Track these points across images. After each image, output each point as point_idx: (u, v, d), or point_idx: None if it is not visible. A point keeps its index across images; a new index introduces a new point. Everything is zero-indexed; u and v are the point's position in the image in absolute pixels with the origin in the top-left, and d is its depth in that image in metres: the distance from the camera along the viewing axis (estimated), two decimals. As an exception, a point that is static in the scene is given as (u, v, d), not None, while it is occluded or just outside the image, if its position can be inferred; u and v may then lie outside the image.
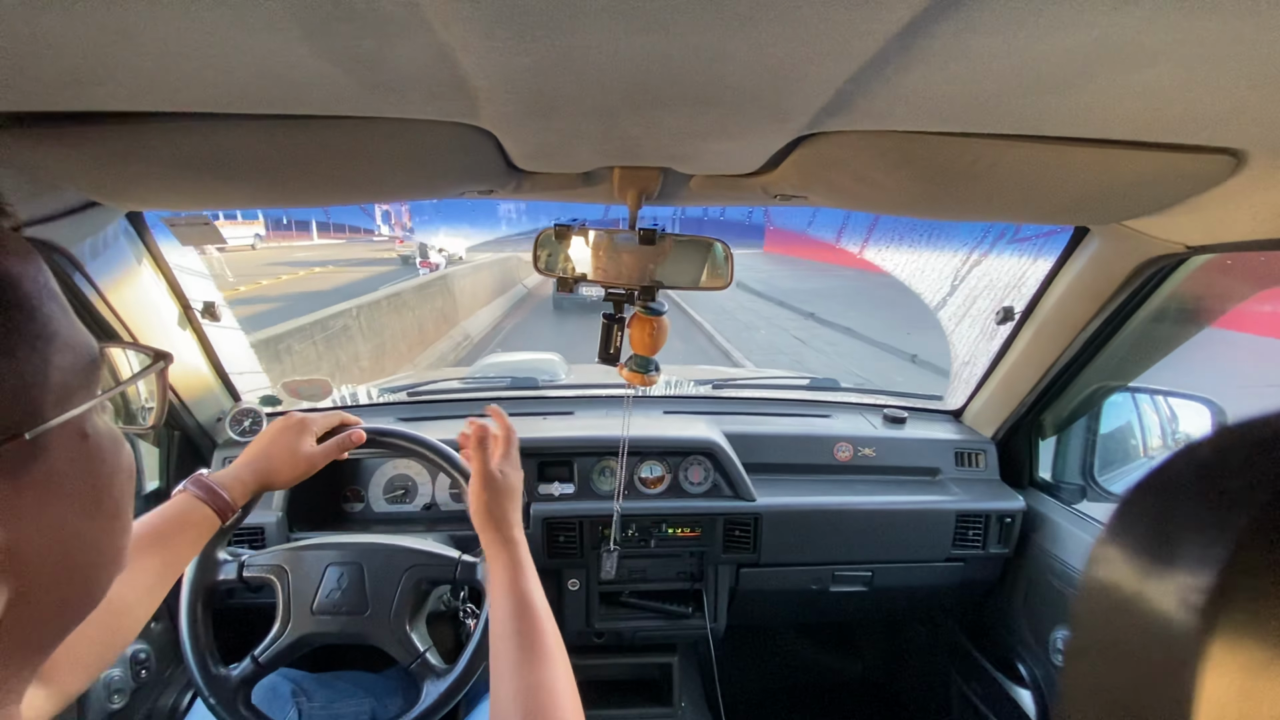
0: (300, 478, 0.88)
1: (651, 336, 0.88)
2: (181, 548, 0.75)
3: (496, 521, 0.78)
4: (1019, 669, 1.35)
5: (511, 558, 0.74)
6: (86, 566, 0.33)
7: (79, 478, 0.32)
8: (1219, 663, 0.19)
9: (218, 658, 0.87)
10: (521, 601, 0.69)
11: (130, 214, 1.00)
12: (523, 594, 0.70)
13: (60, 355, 0.30)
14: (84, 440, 0.32)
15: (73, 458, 0.31)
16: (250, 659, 0.87)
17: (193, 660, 0.86)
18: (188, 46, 0.41)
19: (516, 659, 0.63)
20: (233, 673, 0.86)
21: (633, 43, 0.40)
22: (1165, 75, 0.43)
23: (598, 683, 1.51)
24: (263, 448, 0.86)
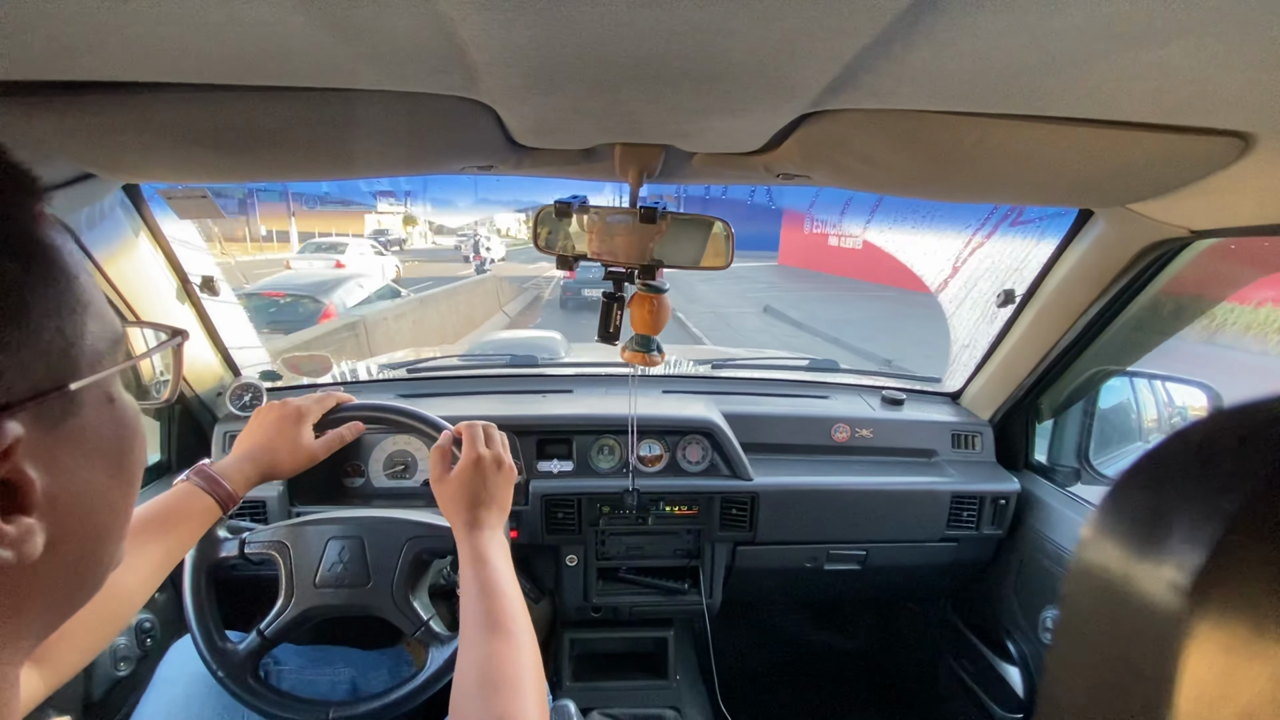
0: (301, 469, 0.89)
1: (652, 315, 0.88)
2: (182, 536, 0.76)
3: (469, 504, 0.78)
4: (1009, 647, 1.37)
5: (474, 548, 0.74)
6: (103, 528, 0.35)
7: (106, 438, 0.34)
8: (1201, 643, 0.19)
9: (223, 632, 0.88)
10: (485, 587, 0.70)
11: (127, 187, 0.99)
12: (486, 581, 0.71)
13: (94, 322, 0.33)
14: (111, 404, 0.35)
15: (101, 419, 0.34)
16: (256, 632, 0.88)
17: (199, 635, 0.87)
18: (181, 14, 0.40)
19: (478, 635, 0.65)
20: (239, 646, 0.88)
21: (636, 16, 0.39)
22: (1175, 56, 0.42)
23: (595, 655, 1.53)
24: (265, 438, 0.87)
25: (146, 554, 0.71)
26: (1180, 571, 0.21)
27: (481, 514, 0.78)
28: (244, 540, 0.91)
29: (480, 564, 0.72)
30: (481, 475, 0.80)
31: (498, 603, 0.68)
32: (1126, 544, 0.24)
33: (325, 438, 0.91)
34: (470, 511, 0.77)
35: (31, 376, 0.29)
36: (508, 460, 0.83)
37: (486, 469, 0.80)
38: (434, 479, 0.81)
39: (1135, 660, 0.22)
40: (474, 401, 1.46)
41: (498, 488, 0.81)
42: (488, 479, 0.80)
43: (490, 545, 0.75)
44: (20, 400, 0.28)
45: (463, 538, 0.76)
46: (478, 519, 0.77)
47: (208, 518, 0.78)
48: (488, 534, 0.76)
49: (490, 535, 0.76)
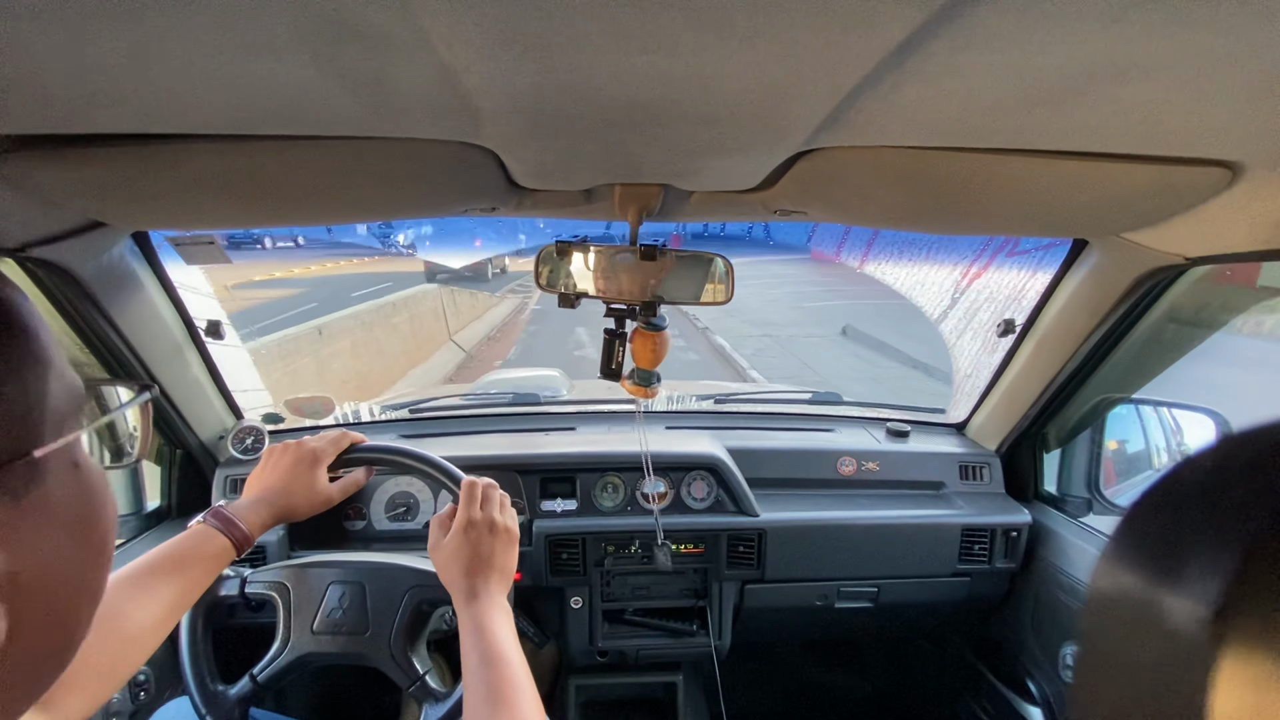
0: (316, 512, 0.88)
1: (653, 351, 0.88)
2: (196, 577, 0.75)
3: (465, 570, 0.76)
4: (1029, 686, 1.33)
5: (473, 618, 0.73)
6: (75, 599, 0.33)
7: (72, 506, 0.32)
8: (1229, 676, 0.19)
9: (216, 675, 0.86)
10: (486, 657, 0.68)
11: (135, 234, 1.01)
12: (486, 651, 0.69)
13: (56, 383, 0.31)
14: (76, 470, 0.33)
15: (67, 486, 0.32)
16: (249, 677, 0.86)
17: (190, 677, 0.85)
18: (195, 69, 0.41)
19: (482, 709, 0.64)
20: (230, 691, 0.85)
21: (633, 63, 0.41)
22: (1160, 89, 0.43)
23: (601, 703, 1.49)
24: (280, 481, 0.86)
25: (160, 595, 0.70)
26: (1200, 601, 0.20)
27: (478, 583, 0.76)
28: (245, 579, 0.90)
29: (480, 634, 0.71)
30: (474, 541, 0.78)
31: (500, 673, 0.67)
32: (1143, 574, 0.23)
33: (341, 482, 0.90)
34: (466, 580, 0.76)
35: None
36: (502, 522, 0.81)
37: (479, 533, 0.78)
38: (431, 545, 0.80)
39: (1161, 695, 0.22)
40: (477, 441, 1.46)
41: (494, 553, 0.78)
42: (481, 544, 0.78)
43: (489, 614, 0.73)
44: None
45: (461, 607, 0.75)
46: (474, 588, 0.75)
47: (222, 559, 0.77)
48: (485, 603, 0.74)
49: (488, 604, 0.74)
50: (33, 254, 0.82)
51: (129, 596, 0.67)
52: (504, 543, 0.80)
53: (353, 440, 0.95)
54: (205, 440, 1.31)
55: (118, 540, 1.20)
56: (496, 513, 0.82)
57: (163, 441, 1.27)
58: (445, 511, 0.83)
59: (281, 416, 1.53)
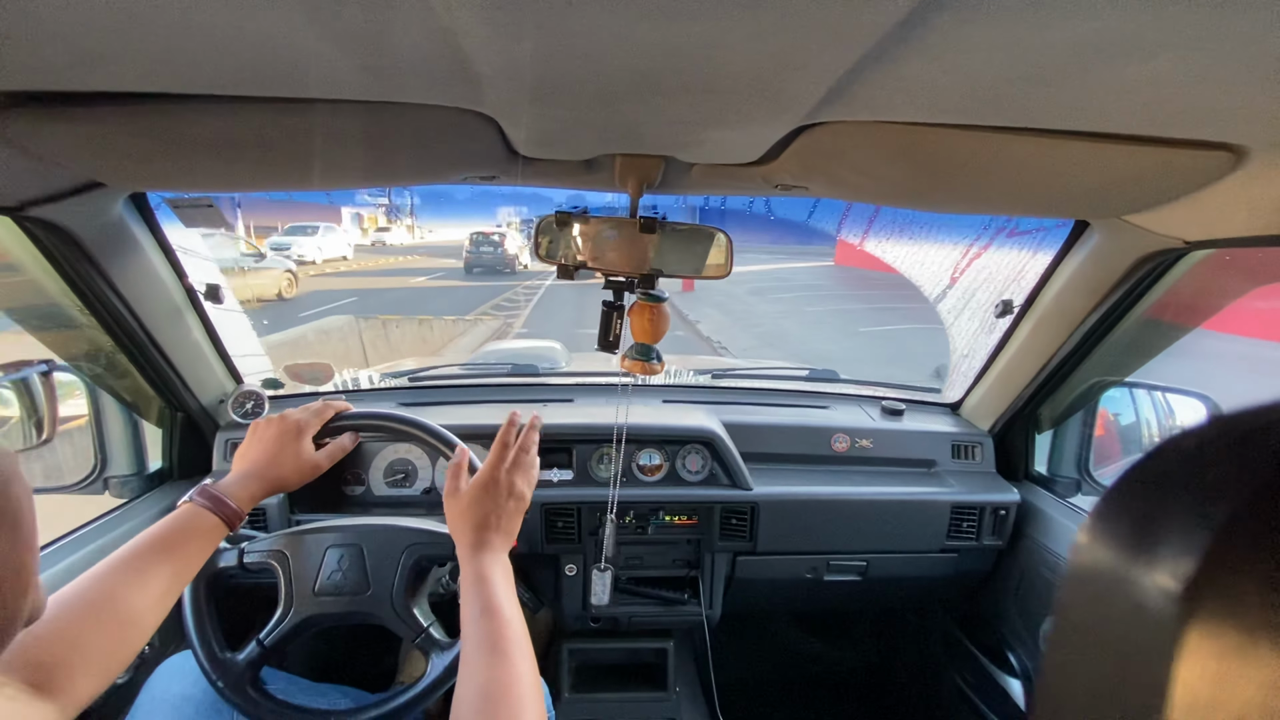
0: (307, 480, 0.90)
1: (652, 324, 0.88)
2: (190, 556, 0.76)
3: (475, 525, 0.78)
4: (1010, 659, 1.36)
5: (477, 568, 0.74)
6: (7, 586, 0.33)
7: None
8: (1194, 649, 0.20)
9: (223, 643, 0.88)
10: (486, 608, 0.70)
11: (133, 195, 1.01)
12: (487, 602, 0.71)
13: None
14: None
15: None
16: (255, 643, 0.88)
17: (198, 646, 0.87)
18: (192, 27, 0.41)
19: (478, 658, 0.66)
20: (239, 657, 0.88)
21: (635, 30, 0.40)
22: (1165, 69, 0.43)
23: (594, 666, 1.53)
24: (267, 454, 0.87)
25: (156, 577, 0.71)
26: (1172, 578, 0.21)
27: (489, 536, 0.78)
28: (243, 550, 0.91)
29: (482, 584, 0.73)
30: (494, 497, 0.80)
31: (499, 625, 0.68)
32: (1119, 549, 0.24)
33: (327, 448, 0.92)
34: (477, 532, 0.78)
35: None
36: (520, 488, 0.83)
37: (500, 493, 0.80)
38: (447, 492, 0.82)
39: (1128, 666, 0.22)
40: (475, 410, 1.47)
41: (507, 514, 0.80)
42: (500, 502, 0.80)
43: (494, 567, 0.75)
44: None
45: (466, 557, 0.76)
46: (484, 540, 0.77)
47: (214, 537, 0.79)
48: (491, 556, 0.76)
49: (494, 558, 0.76)
50: (31, 213, 0.82)
51: (124, 580, 0.69)
52: (516, 508, 0.82)
53: (336, 409, 0.96)
54: (206, 404, 1.32)
55: (120, 499, 1.22)
56: (519, 478, 0.83)
57: (163, 404, 1.28)
58: (460, 458, 0.85)
59: (281, 382, 1.54)
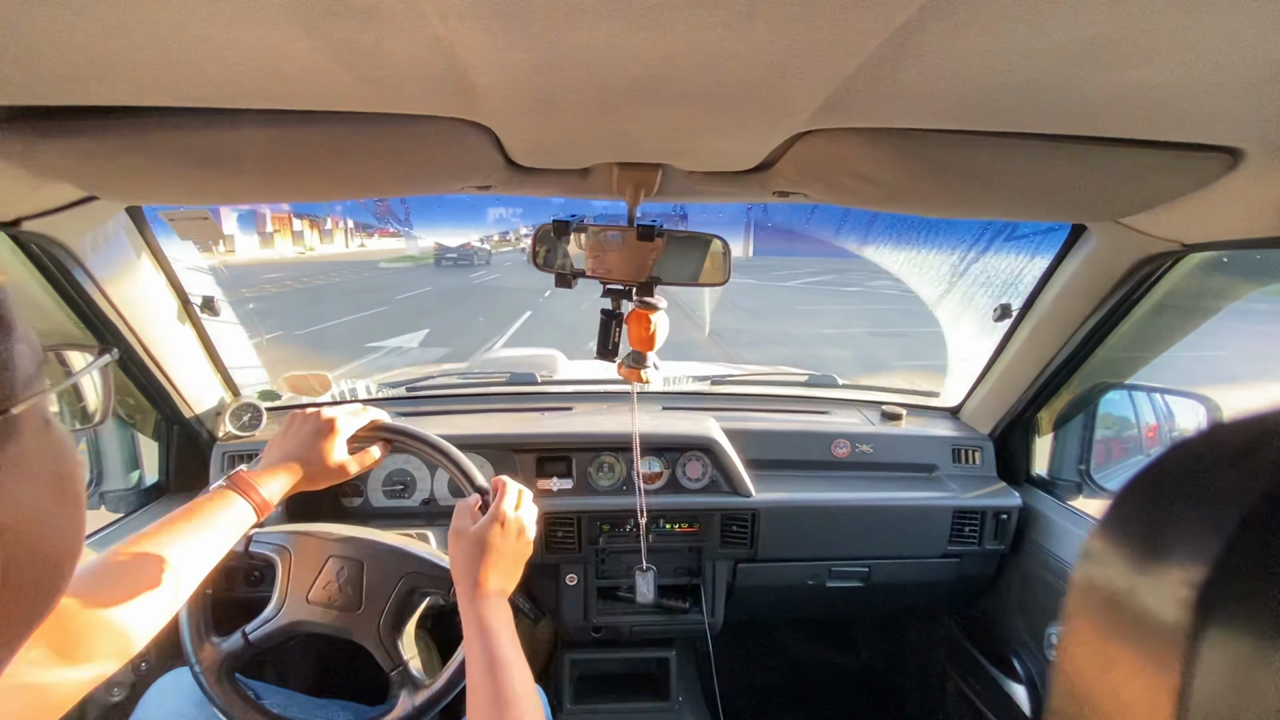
0: (333, 483, 0.88)
1: (649, 332, 0.88)
2: (218, 539, 0.75)
3: (480, 565, 0.77)
4: (1014, 664, 1.35)
5: (479, 614, 0.74)
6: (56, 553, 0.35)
7: (47, 463, 0.33)
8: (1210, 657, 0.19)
9: (211, 627, 0.88)
10: (492, 660, 0.70)
11: (130, 209, 1.00)
12: (493, 653, 0.70)
13: (21, 344, 0.32)
14: (48, 427, 0.34)
15: (40, 443, 0.33)
16: (240, 634, 0.87)
17: (186, 625, 0.86)
18: (186, 41, 0.41)
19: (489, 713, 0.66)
20: (222, 644, 0.87)
21: (631, 40, 0.40)
22: (1161, 73, 0.43)
23: (596, 677, 1.51)
24: (300, 449, 0.85)
25: (183, 555, 0.70)
26: (1184, 585, 0.20)
27: (492, 579, 0.77)
28: (250, 537, 0.90)
29: (486, 635, 0.72)
30: (503, 540, 0.79)
31: (505, 677, 0.68)
32: (1129, 557, 0.24)
33: (358, 456, 0.90)
34: (481, 574, 0.77)
35: None
36: (529, 532, 0.83)
37: (509, 534, 0.80)
38: (454, 530, 0.81)
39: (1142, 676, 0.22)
40: (473, 420, 1.46)
41: (514, 557, 0.80)
42: (506, 545, 0.79)
43: (495, 615, 0.74)
44: None
45: (467, 601, 0.75)
46: (485, 585, 0.76)
47: (243, 523, 0.78)
48: (493, 602, 0.75)
49: (496, 603, 0.76)
50: (26, 227, 0.82)
51: (151, 556, 0.68)
52: (523, 552, 0.82)
53: (374, 417, 0.94)
54: (202, 416, 1.31)
55: (116, 515, 1.21)
56: (528, 519, 0.83)
57: (160, 417, 1.27)
58: (474, 500, 0.84)
59: (278, 394, 1.53)
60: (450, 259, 20.82)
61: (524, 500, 0.85)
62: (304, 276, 16.71)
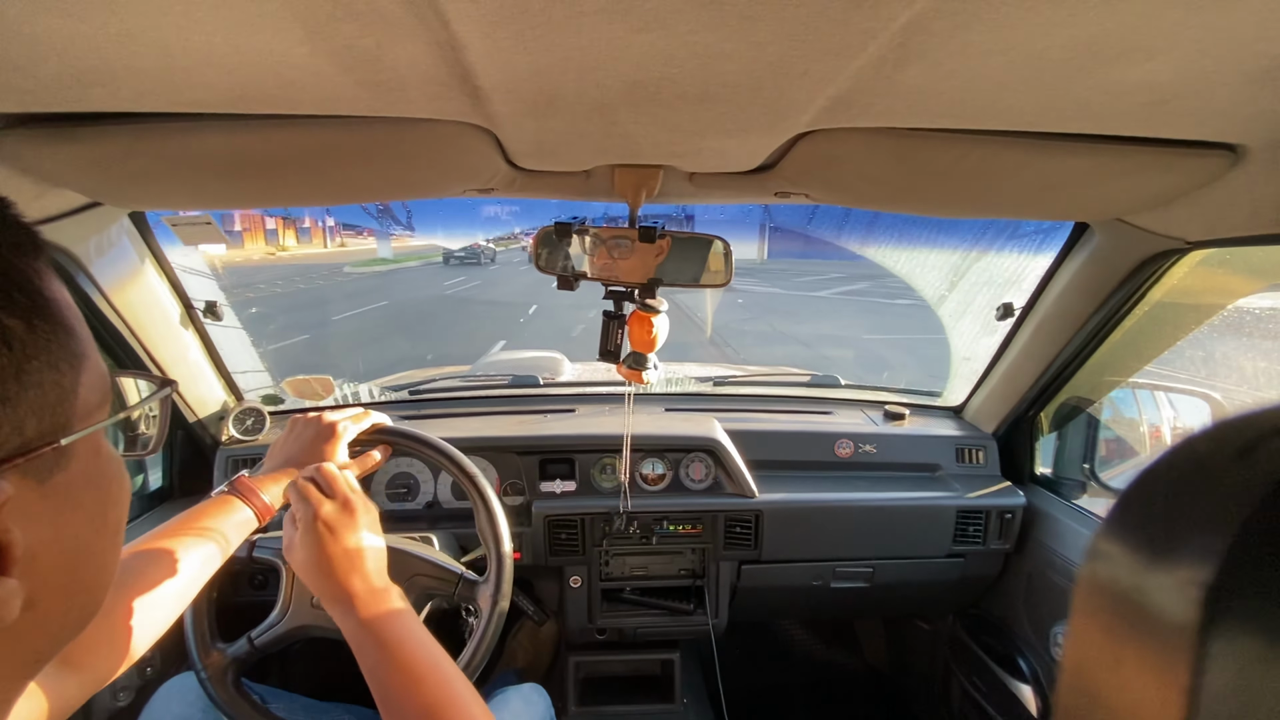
0: None
1: (651, 334, 0.88)
2: (220, 545, 0.75)
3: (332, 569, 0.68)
4: (1019, 664, 1.35)
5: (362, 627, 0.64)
6: (89, 581, 0.35)
7: (92, 492, 0.34)
8: (1219, 655, 0.19)
9: (216, 633, 0.88)
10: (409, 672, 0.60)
11: (132, 214, 1.01)
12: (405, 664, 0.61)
13: (88, 375, 0.32)
14: (98, 457, 0.34)
15: (89, 472, 0.33)
16: (246, 639, 0.87)
17: (191, 627, 0.86)
18: (189, 48, 0.41)
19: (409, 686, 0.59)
20: (227, 650, 0.87)
21: (632, 42, 0.40)
22: (1163, 71, 0.43)
23: (600, 679, 1.51)
24: (303, 455, 0.85)
25: (186, 561, 0.70)
26: (1191, 583, 0.20)
27: (348, 580, 0.67)
28: (254, 543, 0.90)
29: (387, 646, 0.62)
30: (330, 531, 0.69)
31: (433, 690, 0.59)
32: (1136, 555, 0.24)
33: (359, 460, 0.90)
34: (332, 584, 0.67)
35: (25, 432, 0.28)
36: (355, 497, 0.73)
37: (337, 519, 0.70)
38: (285, 547, 0.72)
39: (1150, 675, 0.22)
40: (476, 422, 1.46)
41: (351, 534, 0.70)
42: (338, 534, 0.70)
43: (387, 617, 0.64)
44: (11, 456, 0.28)
45: (341, 621, 0.66)
46: (347, 589, 0.67)
47: (245, 529, 0.77)
48: (375, 603, 0.66)
49: (381, 602, 0.66)
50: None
51: (154, 561, 0.68)
52: (365, 517, 0.72)
53: (375, 420, 0.94)
54: (206, 421, 1.31)
55: None
56: (342, 488, 0.74)
57: (163, 422, 1.27)
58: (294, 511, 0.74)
59: (281, 398, 1.53)
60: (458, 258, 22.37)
61: (330, 477, 0.75)
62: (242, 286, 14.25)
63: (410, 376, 2.34)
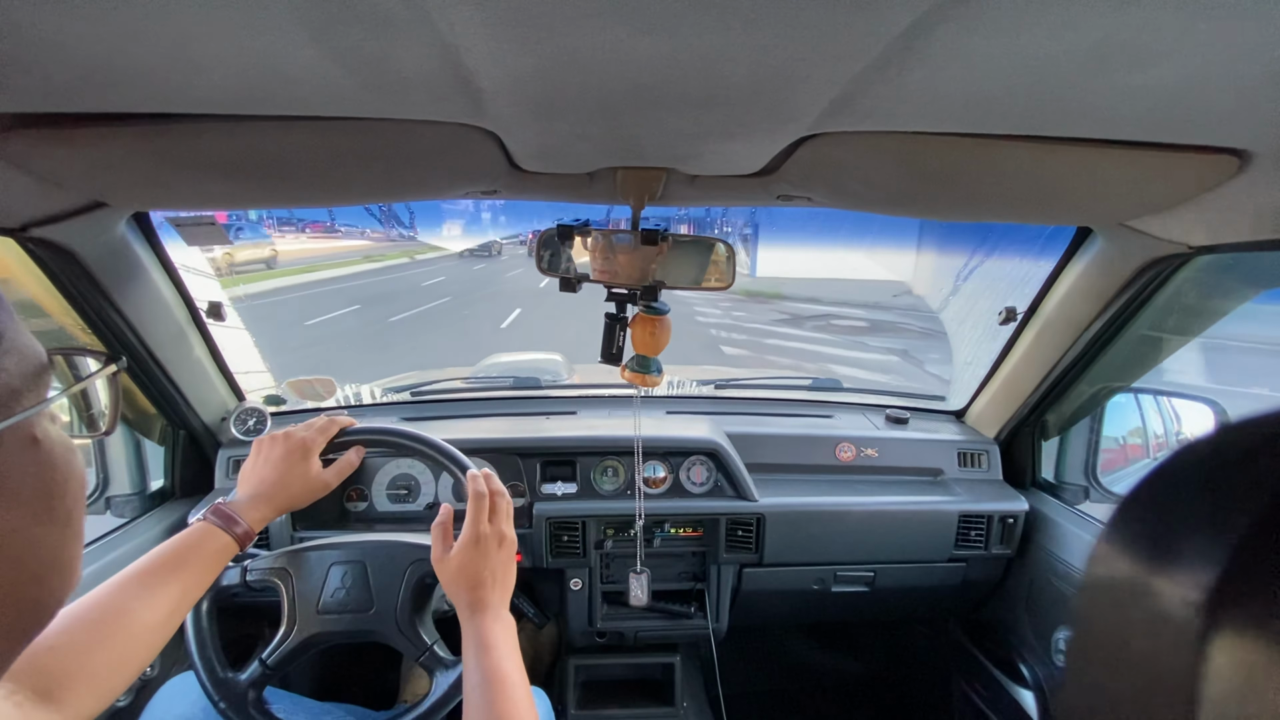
0: (316, 498, 0.89)
1: (653, 336, 0.88)
2: (200, 575, 0.76)
3: (471, 584, 0.77)
4: (1021, 670, 1.34)
5: (478, 631, 0.73)
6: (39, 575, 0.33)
7: (30, 483, 0.32)
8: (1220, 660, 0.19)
9: (225, 662, 0.87)
10: (489, 677, 0.68)
11: (136, 214, 1.01)
12: (490, 670, 0.69)
13: (10, 357, 0.30)
14: (35, 445, 0.32)
15: (23, 463, 0.31)
16: (258, 662, 0.87)
17: (200, 665, 0.85)
18: (194, 48, 0.41)
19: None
20: (241, 677, 0.86)
21: (636, 44, 0.40)
22: (1168, 75, 0.43)
23: (600, 682, 1.51)
24: (275, 474, 0.86)
25: (165, 594, 0.70)
26: (1194, 588, 0.20)
27: (484, 595, 0.76)
28: (246, 568, 0.91)
29: (484, 651, 0.71)
30: (483, 554, 0.78)
31: (502, 696, 0.67)
32: (1138, 561, 0.23)
33: (335, 466, 0.91)
34: (472, 592, 0.76)
35: None
36: (510, 535, 0.82)
37: (488, 547, 0.79)
38: (435, 557, 0.80)
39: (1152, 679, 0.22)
40: (478, 424, 1.46)
41: (499, 566, 0.79)
42: (489, 558, 0.78)
43: (494, 629, 0.74)
44: None
45: (466, 619, 0.75)
46: (481, 600, 0.76)
47: (225, 556, 0.79)
48: (490, 616, 0.75)
49: (494, 617, 0.75)
50: (34, 234, 0.82)
51: (134, 595, 0.68)
52: (509, 555, 0.81)
53: (341, 425, 0.95)
54: (208, 421, 1.32)
55: (122, 519, 1.21)
56: (505, 525, 0.82)
57: (165, 423, 1.27)
58: (444, 518, 0.83)
59: (283, 398, 1.53)
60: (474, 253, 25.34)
61: (496, 505, 0.83)
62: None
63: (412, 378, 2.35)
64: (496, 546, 0.79)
